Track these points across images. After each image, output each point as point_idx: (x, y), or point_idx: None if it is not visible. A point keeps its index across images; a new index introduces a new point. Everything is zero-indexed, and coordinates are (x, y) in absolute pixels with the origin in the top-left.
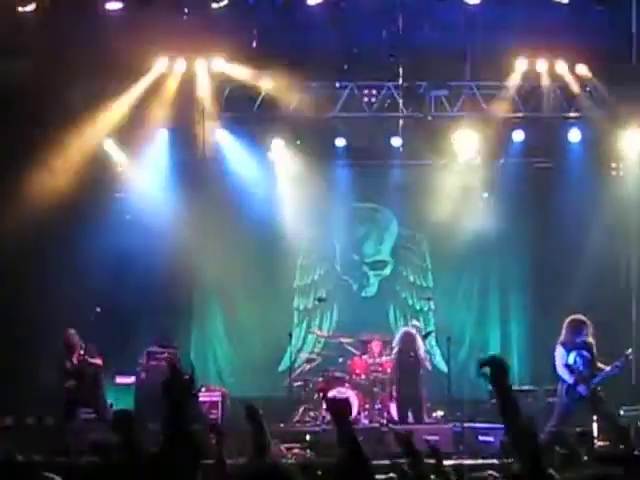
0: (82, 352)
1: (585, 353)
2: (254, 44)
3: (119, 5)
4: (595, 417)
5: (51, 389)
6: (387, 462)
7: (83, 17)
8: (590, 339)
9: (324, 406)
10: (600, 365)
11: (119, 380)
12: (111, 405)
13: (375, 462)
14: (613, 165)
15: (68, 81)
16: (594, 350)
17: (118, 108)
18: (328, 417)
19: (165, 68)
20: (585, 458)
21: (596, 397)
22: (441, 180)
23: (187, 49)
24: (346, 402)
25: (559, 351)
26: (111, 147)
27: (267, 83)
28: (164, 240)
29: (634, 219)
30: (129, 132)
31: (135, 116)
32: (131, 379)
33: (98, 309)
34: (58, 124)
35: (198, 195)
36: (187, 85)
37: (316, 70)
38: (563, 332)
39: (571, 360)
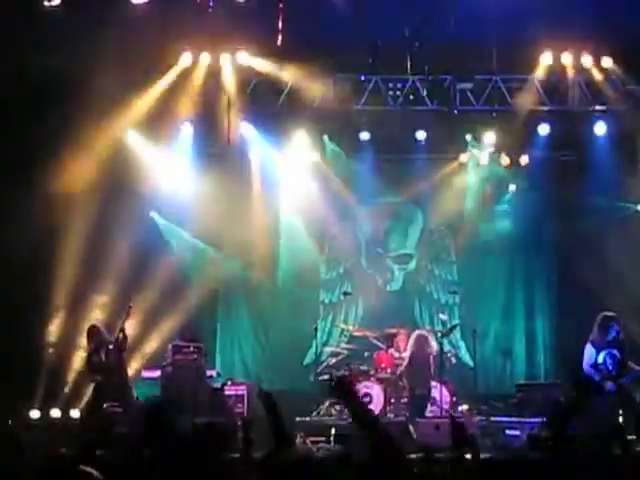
0: (110, 347)
1: (615, 352)
2: (279, 37)
3: None
4: (621, 411)
5: (78, 383)
6: (414, 456)
7: (108, 11)
8: (622, 336)
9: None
10: (631, 365)
11: (145, 374)
12: (137, 399)
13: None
14: (639, 158)
15: (94, 75)
16: (625, 348)
17: (144, 101)
18: None
19: (190, 61)
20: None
21: (624, 393)
22: (466, 173)
23: (212, 42)
24: (345, 379)
25: (588, 350)
26: (136, 140)
27: (292, 76)
28: (189, 233)
29: None
30: (154, 125)
31: (160, 109)
32: (157, 373)
33: (131, 304)
34: (84, 117)
35: (222, 188)
36: (212, 78)
37: (341, 63)
38: (594, 330)
39: (600, 359)
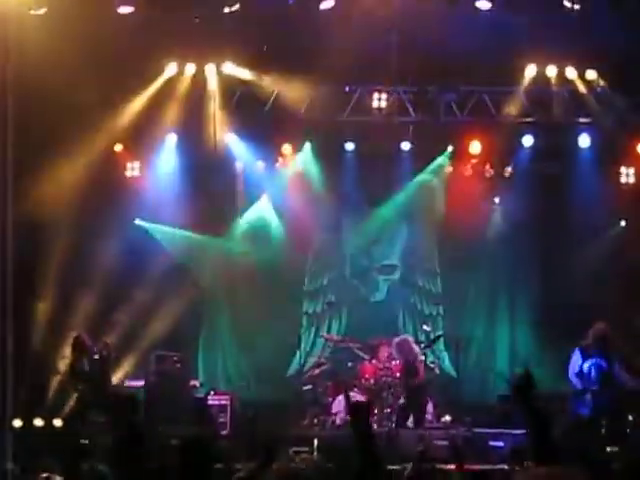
0: (95, 356)
1: (602, 363)
2: (265, 48)
3: (131, 9)
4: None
5: (60, 391)
6: (397, 467)
7: (95, 21)
8: (611, 349)
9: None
10: (620, 374)
11: (129, 383)
12: None
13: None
14: (623, 170)
15: (78, 85)
16: (612, 361)
17: (128, 112)
18: (337, 421)
19: (175, 72)
20: None
21: (607, 401)
22: (451, 185)
23: (198, 53)
24: (367, 406)
25: (575, 356)
26: (121, 151)
27: (277, 87)
28: (172, 244)
29: None
30: (139, 136)
31: (145, 120)
32: (140, 382)
33: (118, 317)
34: (68, 128)
35: (207, 199)
36: (197, 89)
37: (326, 74)
38: (588, 336)
39: (585, 368)
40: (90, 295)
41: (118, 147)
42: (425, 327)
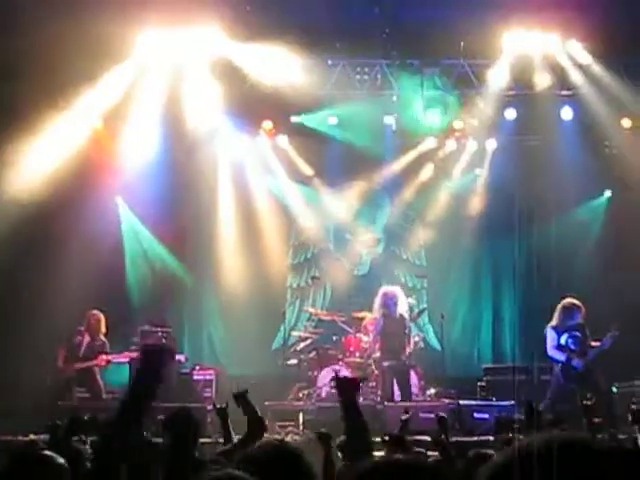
0: (100, 342)
1: (576, 333)
2: (247, 23)
3: None
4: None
5: (47, 368)
6: (381, 438)
7: None
8: (581, 321)
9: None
10: (593, 343)
11: (113, 359)
12: (104, 385)
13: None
14: (606, 143)
15: (57, 62)
16: (586, 331)
17: (107, 88)
18: (323, 394)
19: (155, 45)
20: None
21: (589, 372)
22: (434, 158)
23: (178, 26)
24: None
25: (550, 334)
26: (100, 129)
27: (259, 61)
28: (156, 220)
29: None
30: (119, 113)
31: (124, 96)
32: (126, 358)
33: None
34: (47, 106)
35: (190, 174)
36: (177, 63)
37: (308, 47)
38: (556, 315)
39: (563, 341)
40: (73, 272)
41: (98, 125)
42: (409, 300)
